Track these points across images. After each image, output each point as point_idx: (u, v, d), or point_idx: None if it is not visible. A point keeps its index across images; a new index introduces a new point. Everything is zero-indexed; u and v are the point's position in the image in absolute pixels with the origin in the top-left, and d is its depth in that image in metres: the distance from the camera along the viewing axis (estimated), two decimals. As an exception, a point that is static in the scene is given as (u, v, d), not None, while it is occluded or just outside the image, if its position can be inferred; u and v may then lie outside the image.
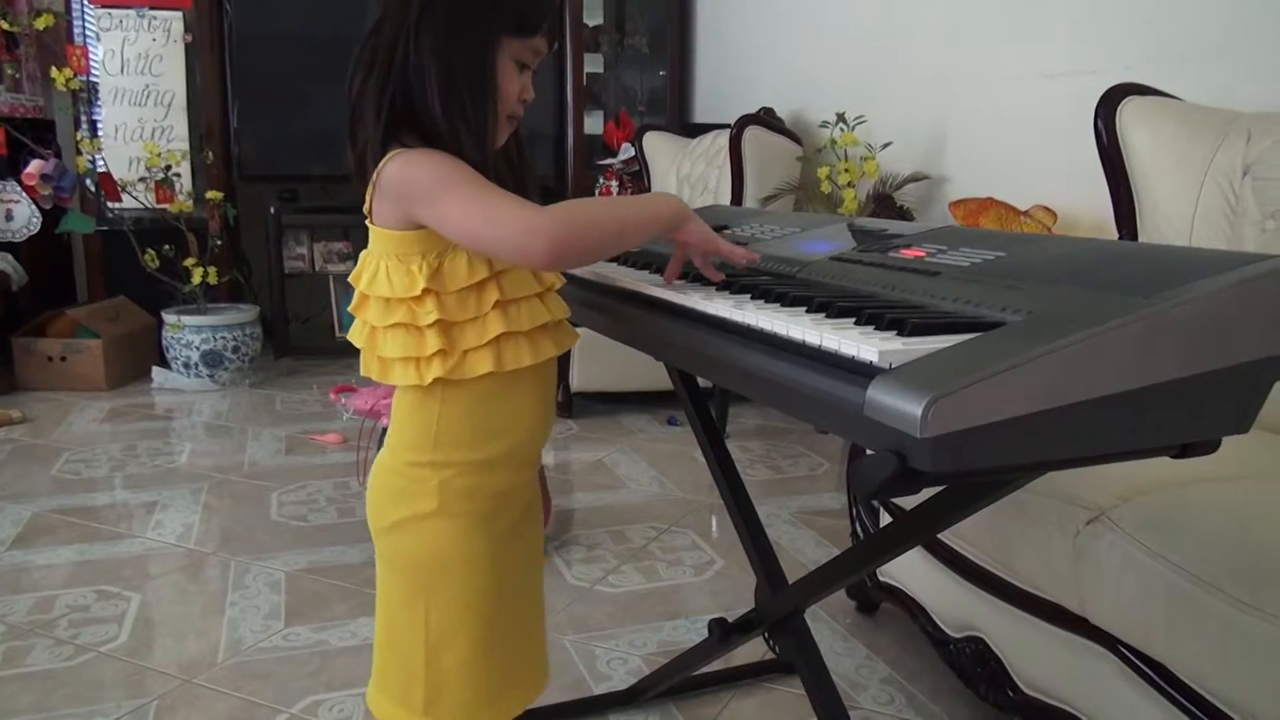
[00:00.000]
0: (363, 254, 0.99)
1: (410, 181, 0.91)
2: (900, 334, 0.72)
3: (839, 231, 1.16)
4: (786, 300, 0.87)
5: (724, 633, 1.44)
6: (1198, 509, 1.18)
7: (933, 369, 0.65)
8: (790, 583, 1.40)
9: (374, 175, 0.93)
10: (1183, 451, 0.79)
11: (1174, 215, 1.82)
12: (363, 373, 1.01)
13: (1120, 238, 1.94)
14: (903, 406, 0.62)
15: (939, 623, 1.64)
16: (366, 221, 0.98)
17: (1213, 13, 2.10)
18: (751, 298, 0.92)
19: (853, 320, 0.78)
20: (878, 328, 0.75)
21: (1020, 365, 0.64)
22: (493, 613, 1.04)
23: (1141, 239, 1.89)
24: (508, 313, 0.95)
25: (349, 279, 1.02)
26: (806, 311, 0.83)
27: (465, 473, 1.00)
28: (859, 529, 1.91)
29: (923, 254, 0.96)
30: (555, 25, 1.00)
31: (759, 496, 1.68)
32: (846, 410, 0.69)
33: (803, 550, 2.25)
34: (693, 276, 1.07)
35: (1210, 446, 0.79)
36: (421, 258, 0.93)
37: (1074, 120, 2.40)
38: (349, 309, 1.01)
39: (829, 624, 1.89)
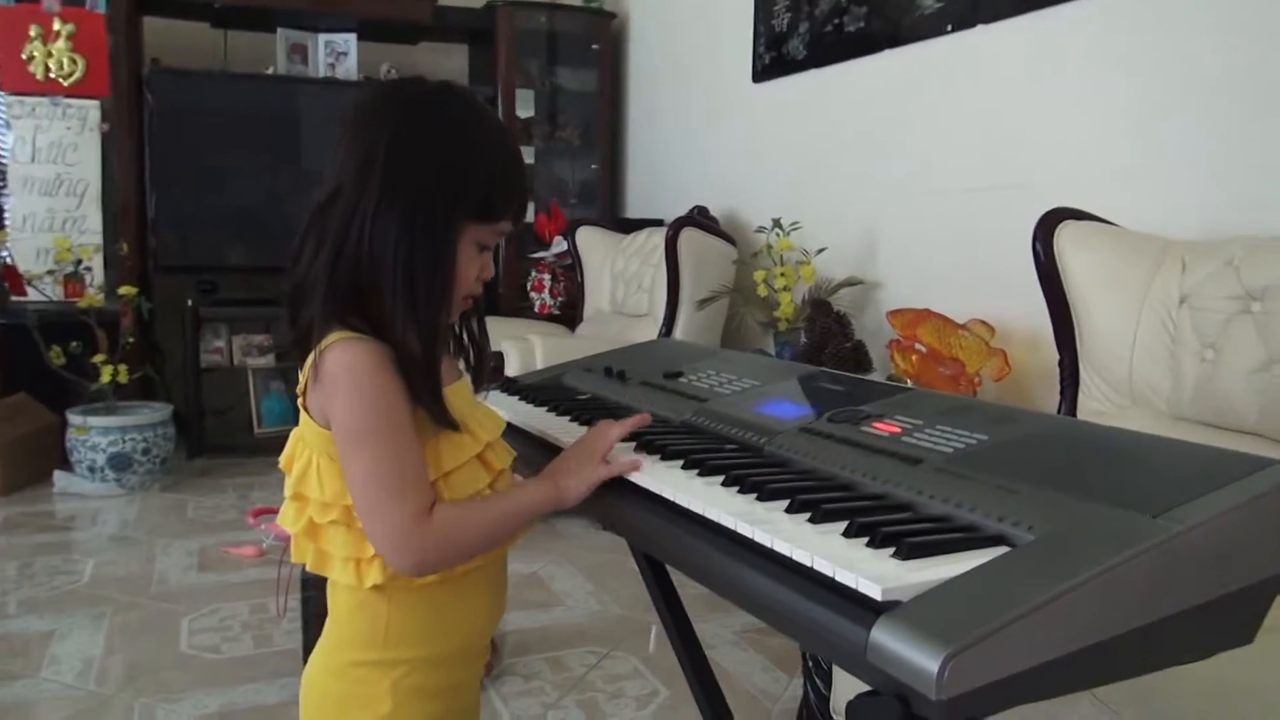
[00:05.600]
0: (294, 434, 0.91)
1: (337, 404, 0.85)
2: (898, 556, 0.67)
3: (800, 389, 1.12)
4: (764, 493, 0.81)
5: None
6: (1186, 683, 1.14)
7: (942, 611, 0.60)
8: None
9: (313, 356, 0.86)
10: (1184, 660, 0.75)
11: (1114, 342, 1.84)
12: (295, 559, 0.92)
13: (1061, 361, 1.95)
14: (915, 661, 0.57)
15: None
16: (299, 403, 0.90)
17: (1136, 137, 2.16)
18: (723, 483, 0.86)
19: (841, 527, 0.73)
20: (871, 543, 0.69)
21: (1038, 609, 0.59)
22: None
23: (1083, 364, 1.90)
24: None
25: (279, 463, 0.93)
26: (787, 511, 0.77)
27: (418, 669, 0.91)
28: (811, 690, 1.81)
29: (898, 430, 0.92)
30: (524, 205, 0.94)
31: (701, 613, 1.61)
32: (846, 646, 0.63)
33: (749, 677, 2.17)
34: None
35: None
36: None
37: (1002, 233, 2.45)
38: (286, 494, 0.92)
39: (781, 763, 1.81)
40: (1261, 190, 1.88)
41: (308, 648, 1.96)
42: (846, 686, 1.68)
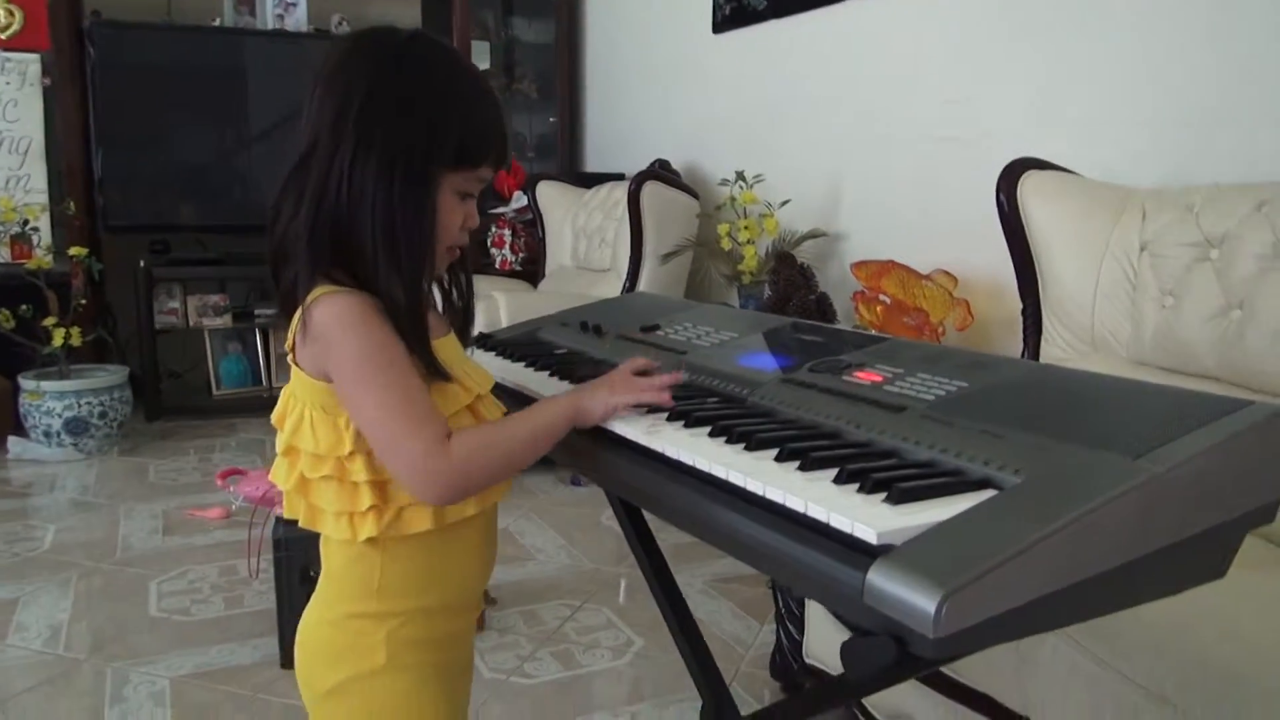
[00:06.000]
0: (285, 390, 0.90)
1: (334, 353, 0.84)
2: (889, 501, 0.68)
3: (778, 340, 1.13)
4: (752, 443, 0.82)
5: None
6: (1147, 618, 1.18)
7: (936, 553, 0.62)
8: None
9: (299, 311, 0.85)
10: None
11: (1076, 289, 1.87)
12: (286, 514, 0.92)
13: (1024, 309, 1.98)
14: (913, 601, 0.58)
15: (869, 707, 1.62)
16: (289, 359, 0.89)
17: (1098, 86, 2.18)
18: (710, 434, 0.86)
19: (831, 474, 0.74)
20: (861, 489, 0.71)
21: (1028, 549, 0.61)
22: None
23: (1046, 312, 1.93)
24: None
25: (272, 419, 0.92)
26: (776, 460, 0.78)
27: (412, 621, 0.92)
28: (784, 636, 1.85)
29: (879, 379, 0.93)
30: (504, 150, 0.93)
31: (671, 563, 1.62)
32: (841, 590, 0.64)
33: (720, 624, 2.21)
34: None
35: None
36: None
37: (964, 183, 2.47)
38: (278, 451, 0.91)
39: (751, 706, 1.85)
40: (1221, 139, 1.91)
41: (281, 607, 1.96)
42: (818, 632, 1.72)
